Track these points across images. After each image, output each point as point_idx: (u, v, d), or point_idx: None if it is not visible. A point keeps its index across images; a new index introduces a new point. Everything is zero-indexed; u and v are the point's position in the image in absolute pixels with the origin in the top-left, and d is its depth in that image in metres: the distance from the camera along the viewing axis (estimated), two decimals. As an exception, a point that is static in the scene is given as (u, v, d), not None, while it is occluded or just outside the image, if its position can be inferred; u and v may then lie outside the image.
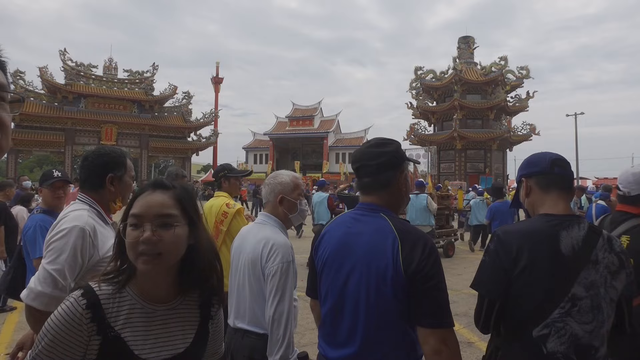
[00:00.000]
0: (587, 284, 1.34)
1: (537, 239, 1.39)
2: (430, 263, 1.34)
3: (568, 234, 1.38)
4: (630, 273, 1.41)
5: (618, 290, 1.39)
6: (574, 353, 1.34)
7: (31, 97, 34.70)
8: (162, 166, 59.85)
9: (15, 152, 33.59)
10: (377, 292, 1.38)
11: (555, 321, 1.35)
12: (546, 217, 1.44)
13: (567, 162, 1.53)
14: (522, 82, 33.85)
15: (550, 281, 1.36)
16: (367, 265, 1.41)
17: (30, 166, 53.31)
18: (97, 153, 1.83)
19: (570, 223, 1.41)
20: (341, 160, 47.45)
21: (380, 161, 1.49)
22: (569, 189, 1.51)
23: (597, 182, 22.13)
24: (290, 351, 1.75)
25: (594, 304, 1.35)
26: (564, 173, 1.50)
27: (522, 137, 33.48)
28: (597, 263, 1.36)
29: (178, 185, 1.14)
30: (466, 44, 35.58)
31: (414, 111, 35.57)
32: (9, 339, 4.28)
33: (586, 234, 1.39)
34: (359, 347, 1.41)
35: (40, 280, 1.55)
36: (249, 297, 1.89)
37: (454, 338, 1.34)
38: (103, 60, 38.68)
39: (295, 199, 2.00)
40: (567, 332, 1.34)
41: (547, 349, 1.34)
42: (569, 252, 1.36)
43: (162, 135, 39.26)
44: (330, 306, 1.51)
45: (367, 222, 1.48)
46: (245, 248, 1.95)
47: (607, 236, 1.41)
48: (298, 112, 51.04)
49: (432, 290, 1.33)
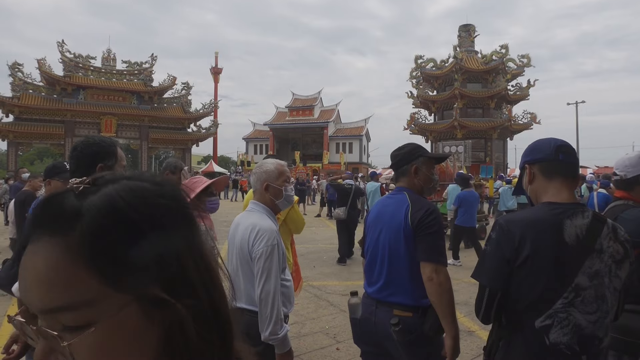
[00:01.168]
0: (591, 273, 1.32)
1: (540, 228, 1.36)
2: (429, 219, 1.96)
3: (572, 223, 1.35)
4: (632, 263, 1.39)
5: (622, 280, 1.37)
6: (577, 344, 1.32)
7: (30, 89, 34.58)
8: (163, 157, 59.87)
9: (15, 145, 33.57)
10: (395, 241, 2.04)
11: (559, 311, 1.33)
12: (550, 206, 1.41)
13: (572, 148, 1.50)
14: (523, 70, 33.62)
15: (554, 271, 1.33)
16: (389, 225, 2.09)
17: (31, 159, 53.32)
18: (86, 143, 1.80)
19: (575, 211, 1.38)
20: (341, 150, 47.36)
21: (397, 159, 2.22)
22: (573, 177, 1.48)
23: (597, 171, 22.08)
24: (279, 327, 1.86)
25: (598, 293, 1.33)
26: (569, 160, 1.47)
27: (522, 126, 33.34)
28: (602, 252, 1.33)
29: (102, 204, 0.46)
30: (467, 33, 35.28)
31: (415, 100, 35.39)
32: (10, 330, 4.29)
33: (590, 222, 1.36)
34: (384, 281, 2.07)
35: None
36: (242, 278, 2.00)
37: (445, 271, 1.93)
38: (101, 52, 38.46)
39: (280, 186, 2.11)
40: (571, 322, 1.32)
41: (550, 340, 1.33)
42: (573, 241, 1.33)
43: (161, 126, 39.17)
44: (368, 258, 2.22)
45: (393, 198, 2.18)
46: (237, 234, 2.06)
47: (612, 225, 1.38)
48: (298, 102, 50.82)
49: (428, 236, 1.95)
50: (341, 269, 7.50)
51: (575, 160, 1.49)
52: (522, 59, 33.60)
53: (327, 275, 7.00)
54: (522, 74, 33.92)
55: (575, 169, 1.49)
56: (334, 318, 4.79)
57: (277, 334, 1.85)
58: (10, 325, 0.42)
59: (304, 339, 4.16)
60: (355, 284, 6.32)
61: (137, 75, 38.75)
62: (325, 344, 4.06)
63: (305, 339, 4.18)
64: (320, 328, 4.48)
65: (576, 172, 1.50)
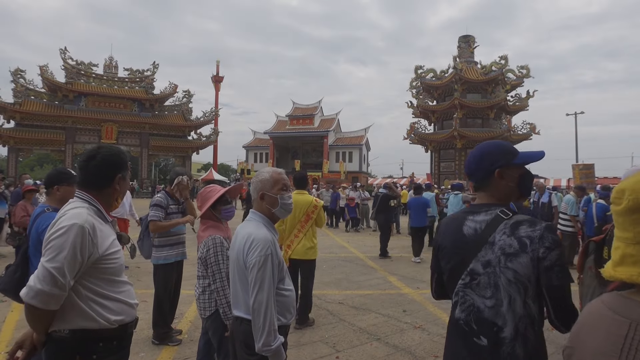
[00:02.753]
0: (484, 262, 1.49)
1: (450, 223, 1.68)
2: None
3: (473, 219, 1.58)
4: (540, 259, 1.39)
5: (519, 273, 1.41)
6: (474, 322, 1.50)
7: (32, 95, 34.70)
8: (162, 165, 59.90)
9: (15, 151, 33.58)
10: None
11: (459, 291, 1.56)
12: (470, 207, 1.68)
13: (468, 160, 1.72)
14: (523, 81, 33.82)
15: (453, 257, 1.59)
16: None
17: (31, 164, 53.33)
18: (107, 152, 1.84)
19: (481, 210, 1.59)
20: (341, 159, 47.40)
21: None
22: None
23: (598, 182, 22.06)
24: (272, 338, 1.85)
25: (491, 281, 1.47)
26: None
27: (522, 137, 33.44)
28: (494, 244, 1.48)
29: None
30: (466, 43, 35.54)
31: (414, 110, 35.54)
32: (9, 337, 4.28)
33: (492, 219, 1.53)
34: None
35: (40, 279, 1.55)
36: (240, 288, 2.00)
37: None
38: (103, 59, 38.70)
39: (276, 194, 2.09)
40: (467, 301, 1.53)
41: (454, 315, 1.58)
42: (470, 233, 1.55)
43: (162, 133, 39.26)
44: None
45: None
46: (235, 243, 2.06)
47: (513, 223, 1.48)
48: (298, 110, 50.99)
49: None
50: (340, 278, 7.49)
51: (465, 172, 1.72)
52: (521, 70, 33.82)
53: (327, 284, 6.98)
54: (522, 85, 34.12)
55: (470, 179, 1.71)
56: (333, 327, 4.78)
57: (270, 345, 1.84)
58: (9, 331, 0.46)
59: (303, 348, 4.15)
60: (355, 293, 6.32)
61: (139, 83, 38.91)
62: (324, 353, 4.05)
63: (304, 348, 4.17)
64: (320, 337, 4.47)
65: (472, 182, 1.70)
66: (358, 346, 4.23)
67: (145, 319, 4.54)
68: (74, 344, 1.65)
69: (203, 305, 2.92)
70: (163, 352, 4.02)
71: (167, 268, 4.22)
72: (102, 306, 1.70)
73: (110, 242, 1.77)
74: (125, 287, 1.83)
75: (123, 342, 1.82)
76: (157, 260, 4.20)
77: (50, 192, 2.86)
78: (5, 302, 5.35)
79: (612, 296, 0.96)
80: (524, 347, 1.41)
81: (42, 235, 2.67)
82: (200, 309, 2.95)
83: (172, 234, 4.23)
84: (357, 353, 4.05)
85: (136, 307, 1.90)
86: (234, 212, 3.31)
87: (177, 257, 4.27)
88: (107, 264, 1.73)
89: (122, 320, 1.76)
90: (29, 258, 2.71)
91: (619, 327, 0.89)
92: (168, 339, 4.20)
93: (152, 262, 4.29)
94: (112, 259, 1.75)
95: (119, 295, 1.77)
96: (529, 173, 1.60)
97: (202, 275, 2.92)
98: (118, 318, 1.74)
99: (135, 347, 3.96)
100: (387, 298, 6.04)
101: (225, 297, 2.73)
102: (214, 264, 2.79)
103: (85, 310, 1.66)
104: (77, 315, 1.65)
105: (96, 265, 1.69)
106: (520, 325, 1.42)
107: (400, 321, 5.01)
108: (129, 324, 1.82)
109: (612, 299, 0.95)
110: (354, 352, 4.06)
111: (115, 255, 1.77)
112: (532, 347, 1.42)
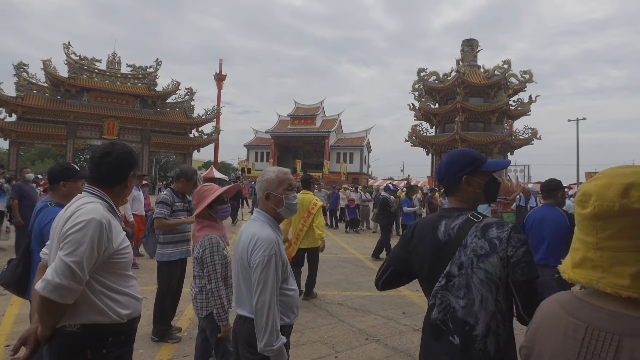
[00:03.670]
0: (458, 264, 1.56)
1: (424, 226, 1.71)
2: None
3: (447, 223, 1.63)
4: (509, 257, 1.48)
5: (490, 273, 1.49)
6: (450, 322, 1.55)
7: (34, 89, 34.71)
8: (163, 162, 59.92)
9: (17, 144, 33.59)
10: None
11: (437, 293, 1.60)
12: (442, 211, 1.74)
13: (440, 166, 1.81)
14: (525, 86, 33.81)
15: (429, 261, 1.63)
16: None
17: (32, 158, 53.32)
18: (121, 150, 1.87)
19: (452, 214, 1.65)
20: (342, 160, 47.42)
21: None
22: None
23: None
24: (275, 339, 1.85)
25: (465, 282, 1.54)
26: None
27: (523, 141, 33.42)
28: (466, 247, 1.55)
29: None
30: (470, 47, 35.54)
31: (416, 112, 35.51)
32: (8, 330, 4.29)
33: (463, 223, 1.60)
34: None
35: (58, 272, 1.54)
36: (244, 287, 2.00)
37: None
38: (107, 55, 38.76)
39: (281, 194, 2.07)
40: (444, 302, 1.58)
41: (431, 316, 1.62)
42: (444, 237, 1.61)
43: (163, 130, 39.26)
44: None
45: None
46: (239, 243, 2.06)
47: (483, 225, 1.56)
48: (300, 110, 51.02)
49: None
50: (340, 279, 7.48)
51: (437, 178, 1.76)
52: (524, 75, 33.80)
53: (326, 284, 6.98)
54: (524, 90, 34.10)
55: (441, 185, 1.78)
56: (332, 327, 4.78)
57: (272, 346, 1.84)
58: (8, 324, 0.45)
59: (303, 348, 4.15)
60: (355, 294, 6.32)
61: (141, 79, 38.91)
62: (323, 353, 4.05)
63: (303, 348, 4.17)
64: (319, 337, 4.47)
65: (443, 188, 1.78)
66: (357, 347, 4.23)
67: (145, 315, 4.50)
68: (85, 338, 1.67)
69: (200, 304, 2.95)
70: (162, 349, 4.03)
71: (171, 265, 4.22)
72: (113, 300, 1.72)
73: (122, 237, 1.80)
74: (132, 281, 1.86)
75: (130, 337, 1.85)
76: (162, 257, 4.20)
77: (55, 187, 2.86)
78: (4, 295, 5.35)
79: (567, 296, 0.96)
80: (496, 344, 1.49)
81: (44, 229, 2.67)
82: (197, 308, 2.98)
83: (176, 232, 4.23)
84: (356, 354, 4.05)
85: (142, 302, 1.92)
86: (229, 211, 3.32)
87: (181, 255, 4.27)
88: (119, 259, 1.75)
89: (130, 314, 1.78)
90: (31, 253, 2.71)
91: (576, 331, 0.88)
92: (167, 336, 4.20)
93: (156, 259, 4.29)
94: (123, 254, 1.78)
95: (128, 289, 1.80)
96: (495, 180, 1.71)
97: (198, 275, 2.95)
98: (128, 312, 1.76)
99: (135, 343, 3.92)
100: (387, 300, 6.04)
101: (219, 299, 2.76)
102: (209, 265, 2.81)
103: (98, 305, 1.68)
104: (89, 310, 1.67)
105: (109, 260, 1.71)
106: (492, 322, 1.49)
107: (399, 323, 5.02)
108: (135, 319, 1.85)
109: (566, 300, 0.95)
110: (353, 353, 4.06)
111: (126, 250, 1.80)
112: (504, 343, 1.50)
